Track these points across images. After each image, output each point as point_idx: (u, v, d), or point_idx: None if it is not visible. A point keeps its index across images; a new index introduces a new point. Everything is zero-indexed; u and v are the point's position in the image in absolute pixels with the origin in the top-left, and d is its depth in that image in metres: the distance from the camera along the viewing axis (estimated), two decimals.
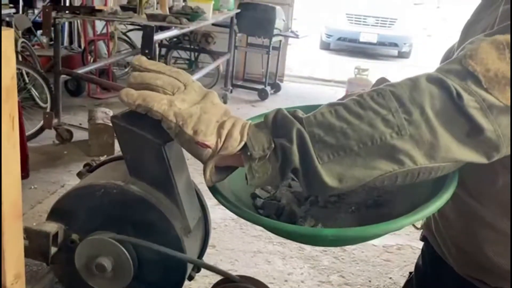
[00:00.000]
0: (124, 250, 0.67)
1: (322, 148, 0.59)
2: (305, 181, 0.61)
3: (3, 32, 0.56)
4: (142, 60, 0.65)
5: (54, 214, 0.72)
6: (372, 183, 0.61)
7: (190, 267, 0.74)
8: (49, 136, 4.06)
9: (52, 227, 0.70)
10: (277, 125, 0.62)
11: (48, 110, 4.00)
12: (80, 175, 0.79)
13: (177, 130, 0.61)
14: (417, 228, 1.17)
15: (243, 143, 0.61)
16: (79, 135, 4.14)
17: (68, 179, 3.43)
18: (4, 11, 4.78)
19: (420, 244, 1.12)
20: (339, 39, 9.59)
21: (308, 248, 2.93)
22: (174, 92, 0.63)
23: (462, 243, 0.91)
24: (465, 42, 0.69)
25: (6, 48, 0.57)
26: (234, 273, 0.75)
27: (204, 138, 0.60)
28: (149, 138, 0.65)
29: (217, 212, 3.37)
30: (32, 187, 3.28)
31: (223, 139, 0.61)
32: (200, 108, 0.62)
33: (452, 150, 0.61)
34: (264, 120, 0.63)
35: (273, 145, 0.60)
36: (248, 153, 0.60)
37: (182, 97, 0.62)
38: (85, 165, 0.80)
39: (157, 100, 0.60)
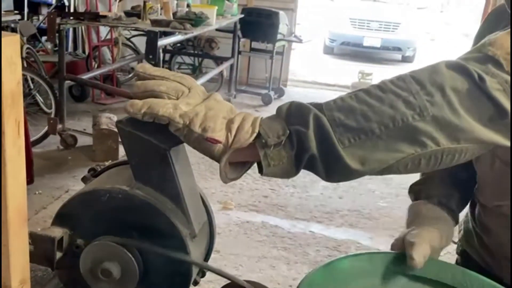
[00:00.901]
0: (130, 254, 0.67)
1: (343, 131, 0.58)
2: (325, 167, 0.60)
3: (9, 38, 0.56)
4: (146, 67, 0.65)
5: (59, 219, 0.72)
6: (396, 167, 0.61)
7: (195, 272, 0.74)
8: (53, 141, 4.08)
9: (57, 232, 0.70)
10: (291, 113, 0.61)
11: (52, 115, 4.02)
12: (85, 180, 0.79)
13: (185, 130, 0.60)
14: (454, 242, 1.18)
15: (254, 134, 0.60)
16: (84, 141, 4.15)
17: (73, 184, 3.44)
18: (9, 18, 4.81)
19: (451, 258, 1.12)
20: (342, 43, 9.60)
21: (312, 253, 2.92)
22: (178, 97, 0.63)
23: (509, 253, 0.92)
24: None
25: (12, 54, 0.57)
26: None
27: (213, 134, 0.60)
28: (154, 143, 0.65)
29: (221, 217, 3.39)
30: (37, 192, 3.29)
31: (233, 132, 0.60)
32: (205, 106, 0.62)
33: (475, 132, 0.60)
34: (277, 112, 0.63)
35: (288, 132, 0.59)
36: (263, 141, 0.59)
37: (187, 100, 0.62)
38: (90, 170, 0.80)
39: (162, 105, 0.60)
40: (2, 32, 0.59)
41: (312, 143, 0.58)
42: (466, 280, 0.77)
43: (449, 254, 1.22)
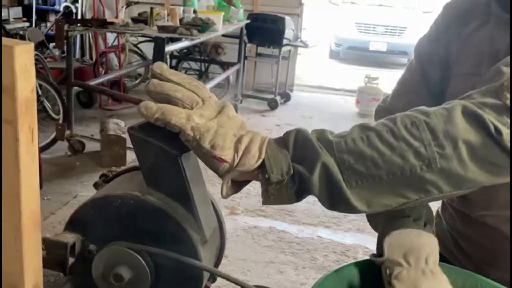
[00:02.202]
0: (141, 259, 0.68)
1: (352, 174, 0.60)
2: (330, 203, 0.62)
3: (23, 46, 0.57)
4: (163, 68, 0.64)
5: (72, 224, 0.72)
6: (398, 207, 0.63)
7: (206, 277, 0.74)
8: (61, 147, 4.10)
9: (69, 238, 0.70)
10: (297, 147, 0.61)
11: (60, 121, 4.05)
12: (96, 186, 0.79)
13: (194, 143, 0.61)
14: None
15: (260, 161, 0.61)
16: (91, 146, 4.18)
17: (81, 190, 3.46)
18: (18, 25, 4.87)
19: None
20: (348, 48, 9.60)
21: (320, 258, 2.91)
22: (192, 107, 0.63)
23: (491, 260, 0.95)
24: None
25: (26, 62, 0.58)
26: None
27: (221, 152, 0.61)
28: (165, 149, 0.65)
29: (229, 223, 3.38)
30: (45, 198, 3.31)
31: (240, 154, 0.61)
32: (217, 123, 0.62)
33: (479, 181, 0.62)
34: (284, 138, 0.63)
35: (291, 171, 0.60)
36: (266, 176, 0.61)
37: (200, 112, 0.62)
38: (101, 176, 0.80)
39: (175, 114, 0.61)
40: (16, 40, 0.60)
41: (314, 188, 0.60)
42: (478, 284, 0.76)
43: None
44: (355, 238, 3.17)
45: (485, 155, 0.61)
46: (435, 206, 1.17)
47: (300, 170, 0.60)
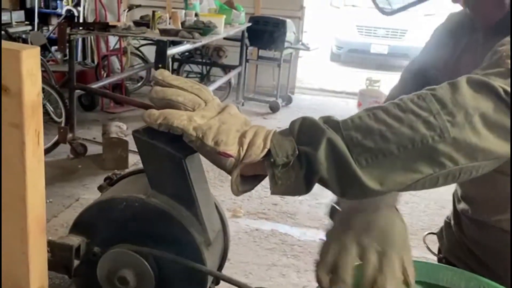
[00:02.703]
0: (146, 262, 0.68)
1: (361, 152, 0.57)
2: (340, 186, 0.59)
3: (30, 51, 0.57)
4: (165, 75, 0.65)
5: (77, 227, 0.73)
6: (413, 186, 0.60)
7: (210, 279, 0.75)
8: (63, 150, 4.11)
9: (74, 240, 0.71)
10: (302, 131, 0.60)
11: (62, 124, 4.05)
12: (101, 188, 0.80)
13: (198, 143, 0.61)
14: (435, 254, 1.17)
15: (266, 150, 0.60)
16: (93, 149, 4.18)
17: (83, 193, 3.46)
18: (20, 29, 4.89)
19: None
20: (349, 50, 9.61)
21: None
22: (194, 109, 0.64)
23: (506, 263, 0.93)
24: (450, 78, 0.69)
25: (32, 66, 0.58)
26: None
27: (225, 147, 0.60)
28: (170, 151, 0.66)
29: (231, 225, 3.37)
30: (48, 201, 3.31)
31: (245, 147, 0.60)
32: (218, 120, 0.63)
33: (495, 150, 0.60)
34: (290, 127, 0.62)
35: (297, 152, 0.59)
36: (271, 160, 0.59)
37: (202, 113, 0.63)
38: (106, 179, 0.81)
39: (177, 117, 0.61)
40: (22, 45, 0.61)
41: (321, 166, 0.58)
42: (481, 286, 0.77)
43: None
44: None
45: (498, 119, 0.59)
46: (442, 215, 1.17)
47: (305, 149, 0.58)
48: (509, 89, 0.59)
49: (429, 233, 1.17)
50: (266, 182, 0.65)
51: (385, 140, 0.57)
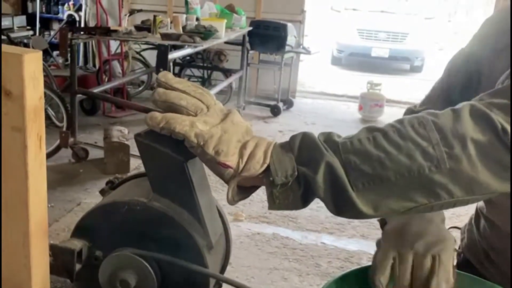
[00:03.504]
0: (148, 266, 0.68)
1: (358, 176, 0.58)
2: (336, 207, 0.60)
3: (32, 55, 0.58)
4: (168, 77, 0.65)
5: (78, 231, 0.73)
6: (408, 213, 0.61)
7: (212, 283, 0.75)
8: (65, 155, 4.11)
9: (76, 244, 0.71)
10: (302, 150, 0.61)
11: (64, 129, 4.06)
12: (103, 192, 0.80)
13: (199, 150, 0.61)
14: (455, 250, 1.17)
15: (265, 165, 0.61)
16: (95, 154, 4.19)
17: (85, 197, 3.46)
18: (22, 33, 4.90)
19: None
20: (350, 54, 9.62)
21: (324, 264, 2.90)
22: (197, 113, 0.63)
23: None
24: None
25: (35, 70, 0.59)
26: None
27: (225, 158, 0.60)
28: (171, 155, 0.66)
29: (232, 229, 3.36)
30: (49, 205, 3.31)
31: (245, 159, 0.61)
32: (221, 128, 0.62)
33: (491, 185, 0.60)
34: (290, 142, 0.63)
35: (296, 173, 0.59)
36: (270, 178, 0.60)
37: (204, 118, 0.63)
38: (107, 183, 0.81)
39: (179, 122, 0.61)
40: (24, 49, 0.61)
41: (319, 189, 0.59)
42: None
43: None
44: (359, 244, 3.16)
45: (493, 155, 0.59)
46: (469, 213, 1.16)
47: (305, 171, 0.59)
48: (508, 127, 0.59)
49: (453, 227, 1.16)
50: None
51: (383, 167, 0.58)
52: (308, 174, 0.59)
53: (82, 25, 5.95)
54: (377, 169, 0.58)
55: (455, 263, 0.73)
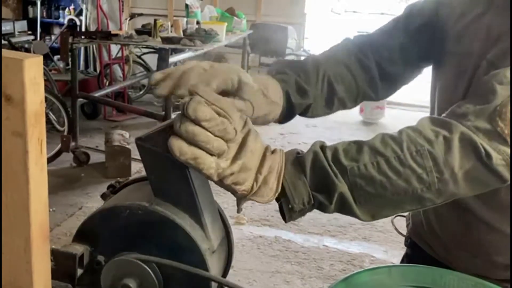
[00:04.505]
0: (149, 270, 0.68)
1: (361, 194, 0.68)
2: (339, 212, 0.70)
3: (33, 60, 0.58)
4: (199, 116, 0.60)
5: (80, 235, 0.72)
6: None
7: (214, 287, 0.74)
8: (66, 159, 4.11)
9: (78, 249, 0.70)
10: (315, 176, 0.67)
11: (65, 133, 4.06)
12: (104, 196, 0.80)
13: (217, 182, 0.64)
14: (402, 235, 1.23)
15: (277, 194, 0.66)
16: (96, 158, 4.19)
17: (86, 201, 3.46)
18: (23, 38, 4.92)
19: None
20: None
21: (327, 267, 2.90)
22: (221, 156, 0.63)
23: (463, 244, 1.00)
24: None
25: (35, 75, 0.58)
26: None
27: (242, 187, 0.65)
28: (173, 159, 0.65)
29: (234, 233, 3.35)
30: (51, 209, 3.31)
31: (259, 183, 0.65)
32: (241, 165, 0.64)
33: (468, 194, 0.73)
34: (300, 162, 0.68)
35: (312, 201, 0.68)
36: (289, 206, 0.67)
37: (226, 156, 0.64)
38: (109, 187, 0.81)
39: (207, 164, 0.62)
40: (25, 53, 0.61)
41: (330, 211, 0.69)
42: None
43: (399, 247, 1.20)
44: (361, 247, 3.16)
45: (477, 176, 0.70)
46: None
47: (320, 199, 0.68)
48: (491, 151, 0.69)
49: (398, 215, 1.19)
50: None
51: (383, 188, 0.68)
52: (323, 202, 0.68)
53: (83, 29, 5.97)
54: (379, 189, 0.68)
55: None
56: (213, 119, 0.62)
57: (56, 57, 5.63)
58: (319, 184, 0.67)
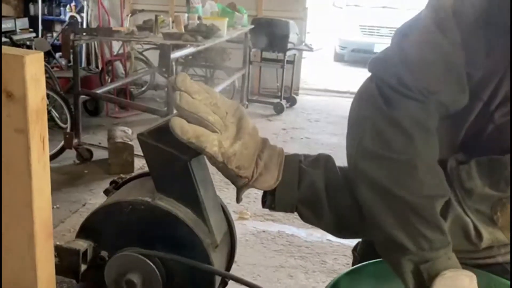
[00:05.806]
0: (153, 265, 0.68)
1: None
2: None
3: (34, 56, 0.57)
4: (187, 85, 0.63)
5: (83, 231, 0.73)
6: None
7: (217, 281, 0.74)
8: (69, 156, 4.12)
9: (81, 245, 0.71)
10: (306, 196, 0.73)
11: (68, 130, 4.07)
12: (107, 192, 0.80)
13: (221, 165, 0.65)
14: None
15: (278, 182, 0.68)
16: (99, 154, 4.19)
17: (90, 198, 3.47)
18: (24, 36, 4.91)
19: None
20: (353, 50, 9.58)
21: (330, 261, 2.90)
22: (221, 131, 0.64)
23: None
24: None
25: (36, 71, 0.58)
26: None
27: (245, 171, 0.66)
28: (175, 154, 0.66)
29: (238, 228, 3.36)
30: (55, 206, 3.32)
31: (259, 170, 0.67)
32: (242, 145, 0.65)
33: None
34: (300, 175, 0.72)
35: (294, 210, 0.75)
36: (272, 206, 0.74)
37: (226, 135, 0.65)
38: (111, 183, 0.81)
39: (210, 141, 0.63)
40: (26, 50, 0.61)
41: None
42: (492, 284, 0.76)
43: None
44: None
45: (464, 249, 0.73)
46: None
47: (309, 216, 0.76)
48: (483, 232, 0.71)
49: None
50: None
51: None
52: (311, 218, 0.76)
53: (84, 26, 5.96)
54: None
55: None
56: (201, 91, 0.64)
57: (58, 54, 5.62)
58: (309, 203, 0.73)
